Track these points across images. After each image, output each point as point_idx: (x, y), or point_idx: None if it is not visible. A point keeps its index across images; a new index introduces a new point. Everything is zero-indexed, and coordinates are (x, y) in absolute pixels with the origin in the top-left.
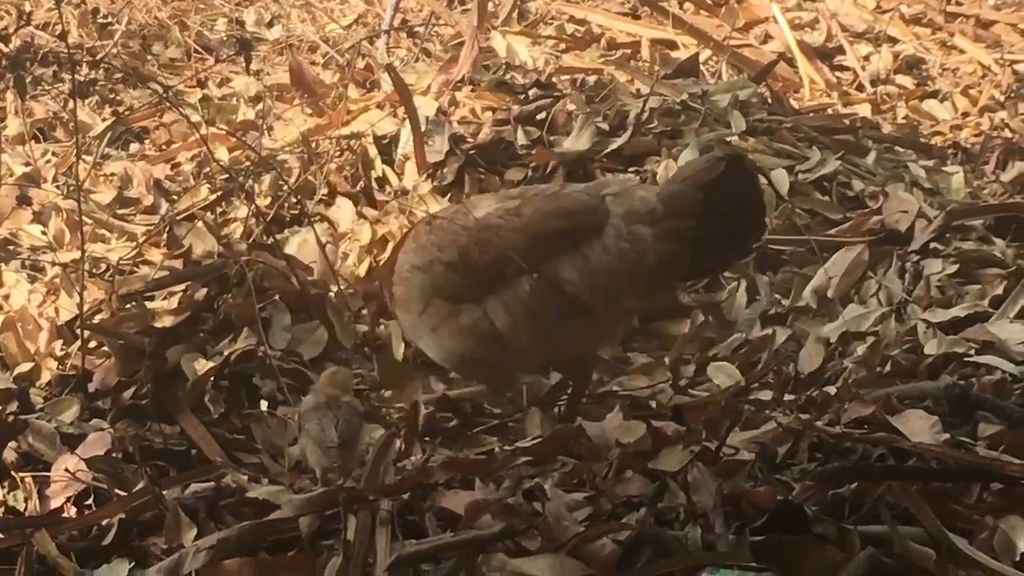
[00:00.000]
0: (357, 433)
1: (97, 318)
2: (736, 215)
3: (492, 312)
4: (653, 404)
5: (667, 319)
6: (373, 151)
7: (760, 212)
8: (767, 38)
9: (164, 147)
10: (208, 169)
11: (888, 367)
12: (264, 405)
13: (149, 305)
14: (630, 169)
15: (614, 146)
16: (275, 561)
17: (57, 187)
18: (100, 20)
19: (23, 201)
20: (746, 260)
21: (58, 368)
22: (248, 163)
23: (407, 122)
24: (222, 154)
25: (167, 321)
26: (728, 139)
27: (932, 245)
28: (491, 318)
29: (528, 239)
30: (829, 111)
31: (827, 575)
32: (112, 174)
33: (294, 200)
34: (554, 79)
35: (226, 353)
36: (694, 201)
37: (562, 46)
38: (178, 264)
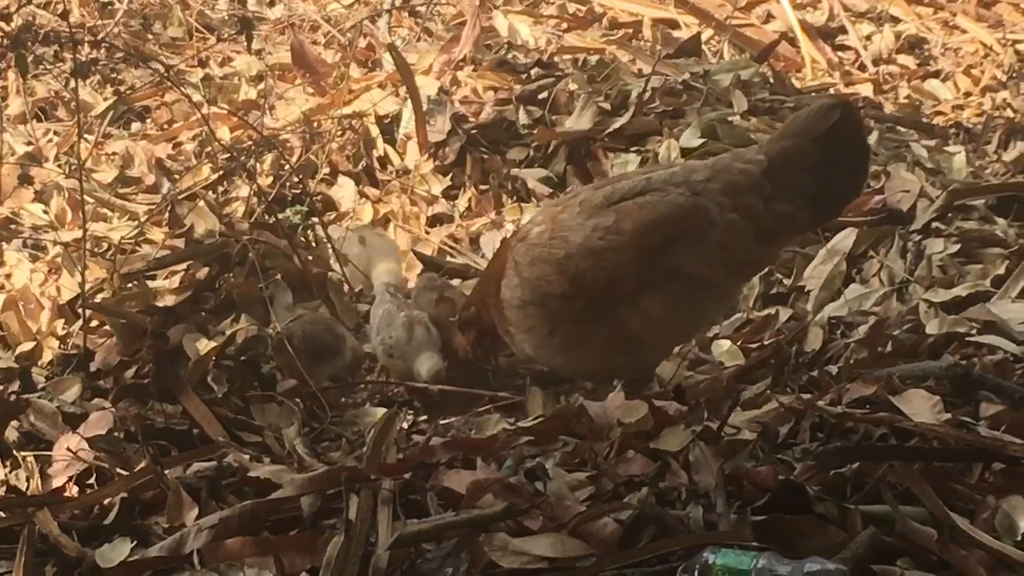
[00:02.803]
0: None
1: (99, 297)
2: (848, 162)
3: (624, 321)
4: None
5: None
6: (375, 130)
7: (866, 156)
8: (769, 18)
9: (166, 126)
10: (210, 148)
11: (890, 347)
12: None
13: (151, 284)
14: (632, 149)
15: (616, 126)
16: (277, 540)
17: (59, 166)
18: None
19: (25, 180)
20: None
21: (60, 347)
22: (250, 142)
23: (409, 101)
24: (224, 133)
25: (169, 300)
26: (730, 119)
27: (934, 225)
28: (625, 328)
29: (636, 257)
30: (831, 91)
31: (829, 555)
32: (114, 153)
33: (296, 179)
34: (556, 59)
35: (228, 333)
36: (808, 154)
37: (564, 25)
38: (180, 243)
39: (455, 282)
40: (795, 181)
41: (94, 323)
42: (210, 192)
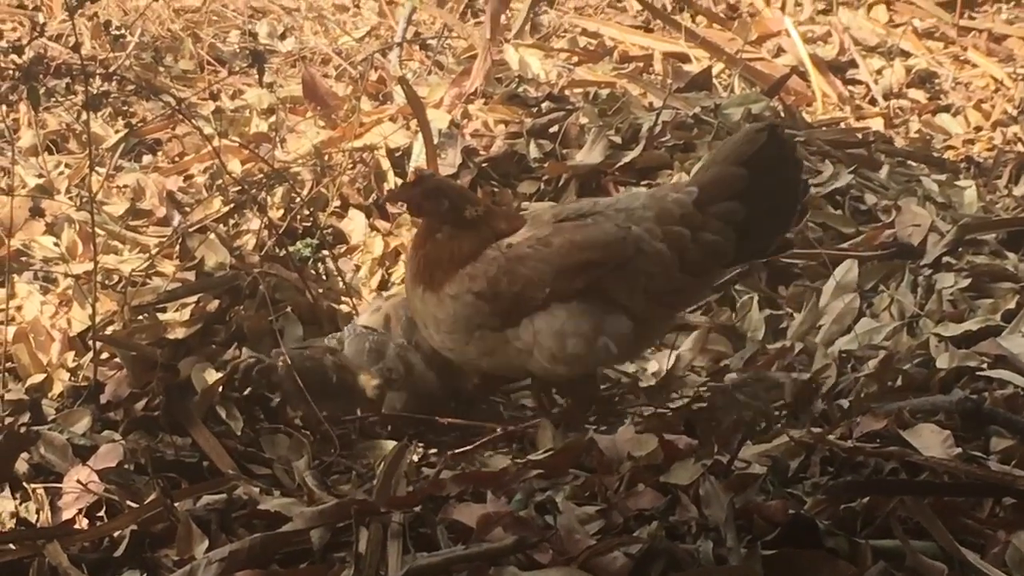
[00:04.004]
0: None
1: (109, 330)
2: (780, 189)
3: (533, 334)
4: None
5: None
6: (386, 163)
7: (799, 184)
8: (780, 51)
9: (177, 159)
10: (221, 181)
11: (900, 381)
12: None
13: (161, 317)
14: (642, 182)
15: (627, 159)
16: (287, 574)
17: (70, 199)
18: (113, 32)
19: (36, 213)
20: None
21: (70, 379)
22: (261, 175)
23: (420, 135)
24: (235, 166)
25: (179, 333)
26: None
27: (944, 259)
28: (536, 340)
29: (552, 270)
30: (842, 125)
31: None
32: (125, 186)
33: (307, 212)
34: (567, 92)
35: (231, 364)
36: (737, 179)
37: (575, 59)
38: (190, 276)
39: None
40: (724, 210)
41: (104, 355)
42: (221, 225)
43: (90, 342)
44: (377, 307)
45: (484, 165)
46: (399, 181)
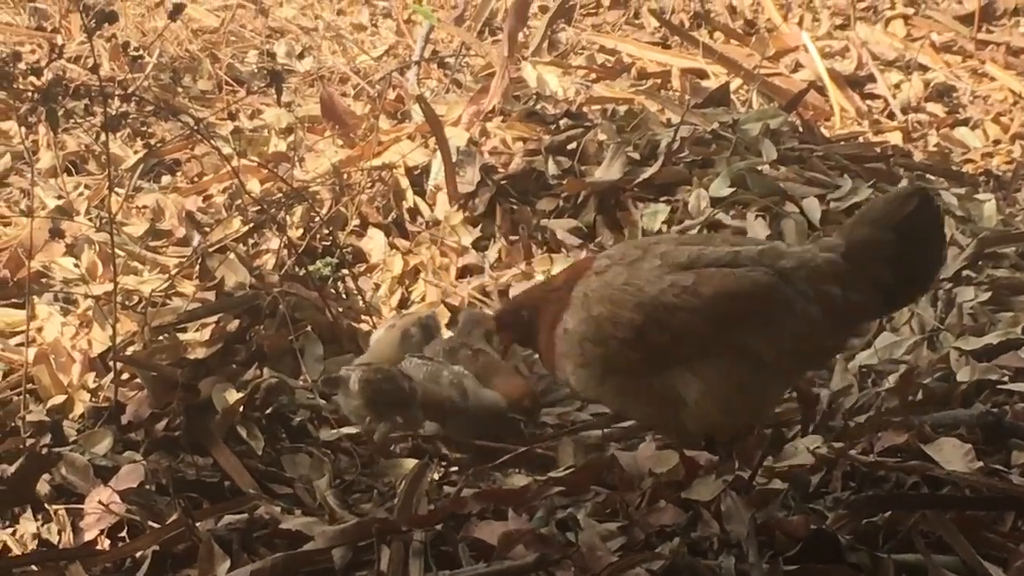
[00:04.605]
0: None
1: (130, 350)
2: (925, 252)
3: (677, 384)
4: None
5: None
6: (404, 182)
7: (943, 247)
8: (798, 67)
9: (196, 179)
10: (240, 201)
11: (921, 395)
12: None
13: (181, 337)
14: (661, 198)
15: (645, 175)
16: None
17: (89, 220)
18: (131, 53)
19: (56, 234)
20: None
21: (91, 400)
22: (280, 194)
23: (438, 153)
24: (254, 186)
25: (199, 353)
26: (759, 168)
27: (964, 273)
28: (674, 389)
29: (708, 324)
30: (860, 139)
31: None
32: (144, 206)
33: (326, 231)
34: (585, 109)
35: (252, 383)
36: (886, 244)
37: (592, 76)
38: (210, 296)
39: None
40: (873, 272)
41: (125, 376)
42: (240, 244)
43: (110, 363)
44: (391, 324)
45: (503, 182)
46: (418, 200)
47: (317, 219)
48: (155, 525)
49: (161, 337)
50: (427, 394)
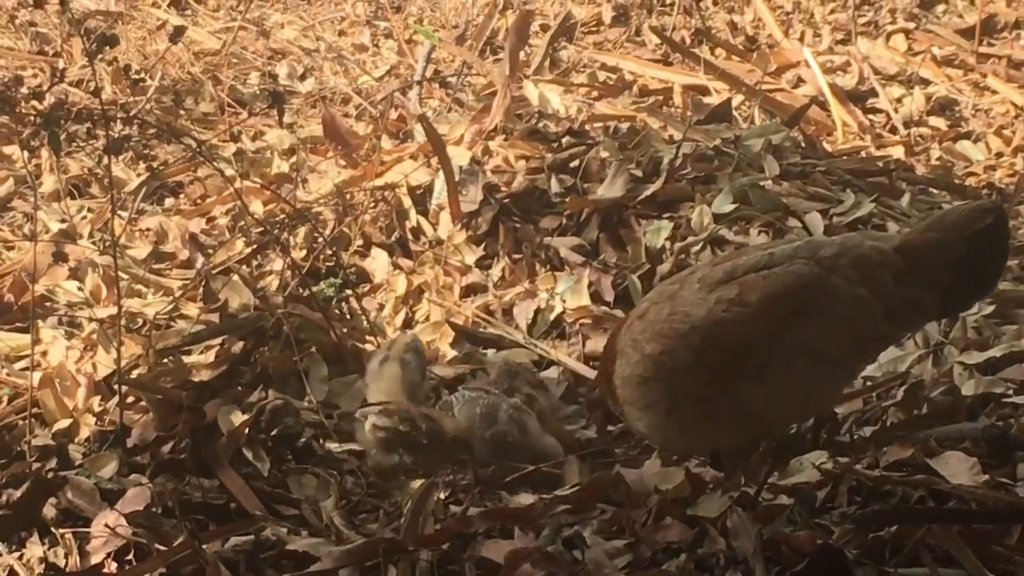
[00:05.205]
0: None
1: (134, 373)
2: (988, 265)
3: (747, 396)
4: None
5: None
6: (407, 202)
7: (1003, 262)
8: (799, 82)
9: (199, 201)
10: (243, 222)
11: (926, 409)
12: None
13: (186, 359)
14: (664, 215)
15: (648, 192)
16: None
17: (93, 243)
18: (133, 76)
19: (59, 258)
20: None
21: (96, 424)
22: (283, 216)
23: (441, 172)
24: (256, 207)
25: (204, 375)
26: (762, 183)
27: None
28: (747, 403)
29: (761, 329)
30: (862, 154)
31: None
32: (147, 229)
33: (329, 252)
34: (587, 127)
35: (257, 405)
36: (952, 249)
37: (594, 93)
38: (214, 318)
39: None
40: (931, 269)
41: (130, 399)
42: (244, 266)
43: (115, 386)
44: (384, 356)
45: (506, 201)
46: (421, 219)
47: (320, 240)
48: (162, 548)
49: (166, 360)
50: (471, 429)
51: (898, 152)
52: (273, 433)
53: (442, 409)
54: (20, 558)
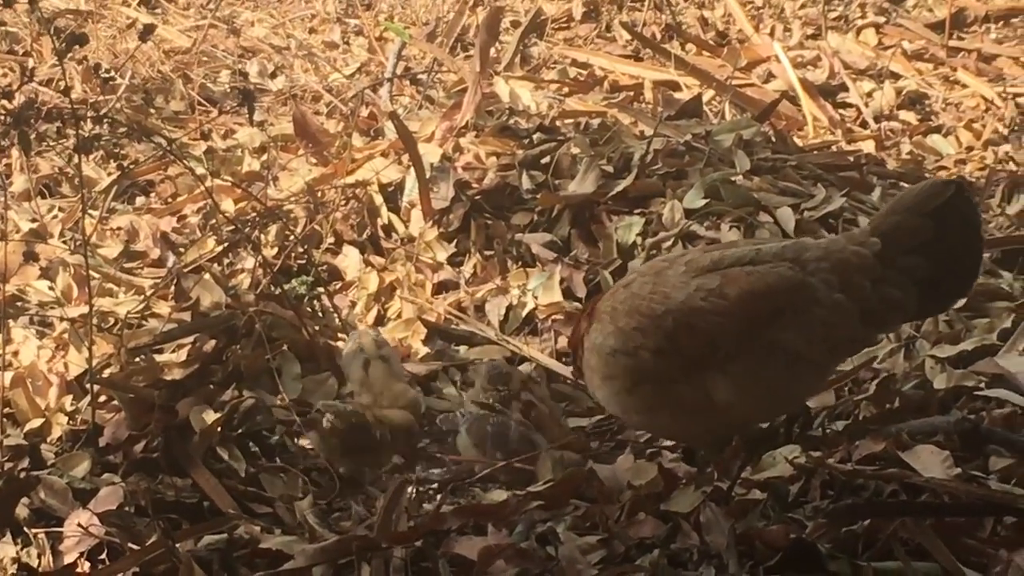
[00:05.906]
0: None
1: (106, 372)
2: (961, 249)
3: (711, 388)
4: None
5: None
6: (379, 199)
7: (980, 248)
8: (770, 77)
9: (170, 200)
10: (214, 221)
11: (898, 403)
12: None
13: (158, 358)
14: (636, 211)
15: (619, 188)
16: None
17: (64, 242)
18: (103, 75)
19: (30, 257)
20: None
21: (69, 423)
22: (254, 214)
23: (412, 169)
24: (228, 206)
25: (176, 374)
26: (733, 179)
27: None
28: (708, 395)
29: (735, 324)
30: (833, 148)
31: None
32: (118, 228)
33: (301, 250)
34: (558, 123)
35: (229, 404)
36: (920, 230)
37: (565, 90)
38: (186, 316)
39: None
40: (906, 263)
41: (102, 398)
42: (215, 264)
43: (88, 385)
44: (357, 348)
45: (477, 198)
46: (392, 216)
47: (292, 238)
48: (135, 547)
49: (138, 359)
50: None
51: (869, 146)
52: (243, 431)
53: (445, 426)
54: None
